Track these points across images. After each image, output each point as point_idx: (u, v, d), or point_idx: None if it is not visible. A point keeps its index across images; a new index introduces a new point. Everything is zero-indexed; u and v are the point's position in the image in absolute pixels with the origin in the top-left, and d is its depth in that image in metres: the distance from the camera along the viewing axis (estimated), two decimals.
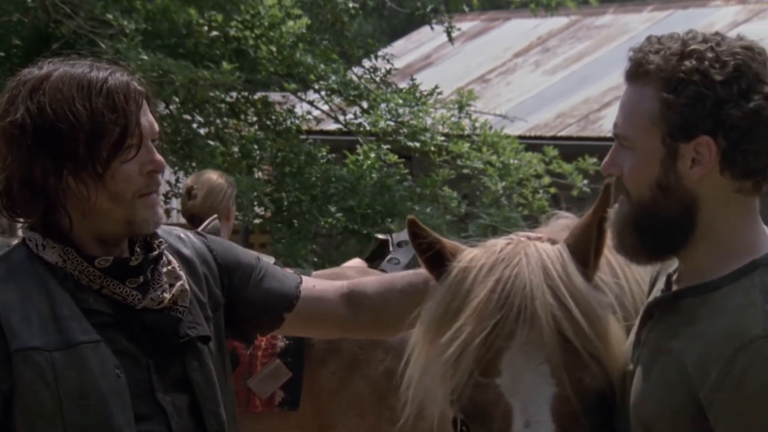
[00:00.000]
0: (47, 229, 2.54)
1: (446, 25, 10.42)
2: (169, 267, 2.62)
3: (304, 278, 2.88)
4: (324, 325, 2.92)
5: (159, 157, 2.55)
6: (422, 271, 2.65)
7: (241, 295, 2.78)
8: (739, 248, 2.25)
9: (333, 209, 9.49)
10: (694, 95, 2.18)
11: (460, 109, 10.19)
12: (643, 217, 2.26)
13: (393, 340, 4.67)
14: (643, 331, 2.35)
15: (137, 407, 2.49)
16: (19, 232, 4.36)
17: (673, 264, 2.38)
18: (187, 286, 2.62)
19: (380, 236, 6.41)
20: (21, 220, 2.58)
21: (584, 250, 2.41)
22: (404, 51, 16.28)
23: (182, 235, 2.76)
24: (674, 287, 2.34)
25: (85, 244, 2.55)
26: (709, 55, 2.19)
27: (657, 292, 2.39)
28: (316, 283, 2.88)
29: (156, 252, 2.60)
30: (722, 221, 2.25)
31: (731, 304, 2.19)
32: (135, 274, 2.55)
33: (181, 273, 2.63)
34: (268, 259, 3.09)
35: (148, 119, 2.56)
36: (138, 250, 2.59)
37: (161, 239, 2.64)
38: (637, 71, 2.26)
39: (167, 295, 2.57)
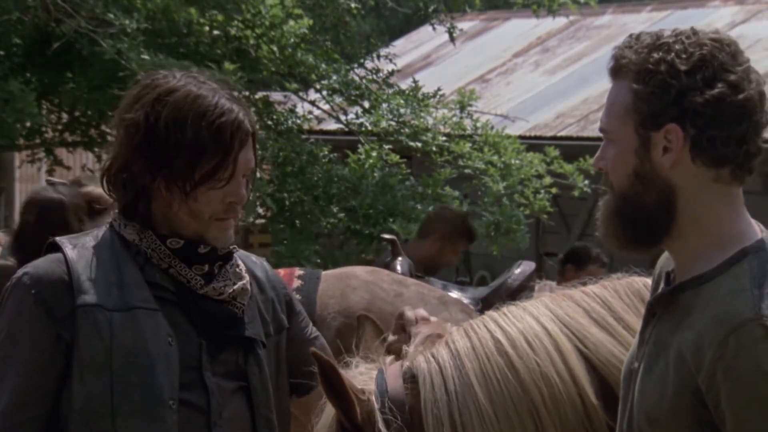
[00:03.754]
0: (133, 215, 2.78)
1: (448, 25, 10.40)
2: (237, 268, 2.82)
3: None
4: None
5: (243, 192, 2.76)
6: None
7: (293, 342, 2.95)
8: (727, 238, 2.30)
9: (335, 209, 9.48)
10: (660, 84, 2.27)
11: (462, 109, 10.18)
12: (624, 206, 2.34)
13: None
14: (647, 330, 2.39)
15: (182, 377, 2.68)
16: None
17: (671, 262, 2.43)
18: (249, 287, 2.82)
19: (387, 236, 6.41)
20: (114, 198, 2.83)
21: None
22: (403, 51, 16.24)
23: (257, 260, 2.96)
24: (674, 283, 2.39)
25: (162, 232, 2.76)
26: (677, 47, 2.28)
27: (659, 290, 2.44)
28: None
29: (226, 250, 2.79)
30: (704, 210, 2.31)
31: (722, 291, 2.24)
32: (201, 262, 2.76)
33: (246, 276, 2.83)
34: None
35: (246, 156, 2.75)
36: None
37: (235, 246, 2.84)
38: (614, 67, 2.35)
39: (228, 289, 2.77)
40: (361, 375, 2.74)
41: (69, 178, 7.16)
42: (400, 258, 5.85)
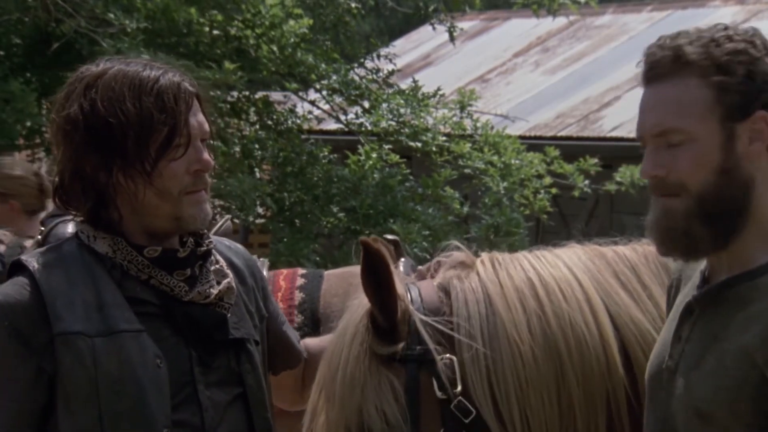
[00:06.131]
0: (98, 222, 2.59)
1: (448, 24, 10.39)
2: (217, 266, 2.67)
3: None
4: (290, 386, 2.98)
5: (207, 157, 2.61)
6: None
7: (272, 322, 2.86)
8: None
9: (335, 209, 9.47)
10: (747, 73, 2.25)
11: (462, 109, 10.17)
12: (709, 205, 2.27)
13: None
14: (684, 328, 2.36)
15: (176, 396, 2.53)
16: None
17: (697, 265, 2.40)
18: (234, 285, 2.67)
19: (389, 237, 6.37)
20: (73, 212, 2.64)
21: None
22: (403, 50, 16.23)
23: (230, 245, 2.82)
24: (711, 281, 2.35)
25: (135, 238, 2.59)
26: (737, 37, 2.27)
27: (692, 289, 2.39)
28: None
29: (204, 248, 2.65)
30: (765, 203, 2.29)
31: None
32: (182, 267, 2.60)
33: (229, 272, 2.68)
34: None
35: (197, 119, 2.60)
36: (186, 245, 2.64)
37: (211, 239, 2.69)
38: (672, 67, 2.28)
39: (214, 291, 2.62)
40: None
41: None
42: (403, 259, 5.83)
